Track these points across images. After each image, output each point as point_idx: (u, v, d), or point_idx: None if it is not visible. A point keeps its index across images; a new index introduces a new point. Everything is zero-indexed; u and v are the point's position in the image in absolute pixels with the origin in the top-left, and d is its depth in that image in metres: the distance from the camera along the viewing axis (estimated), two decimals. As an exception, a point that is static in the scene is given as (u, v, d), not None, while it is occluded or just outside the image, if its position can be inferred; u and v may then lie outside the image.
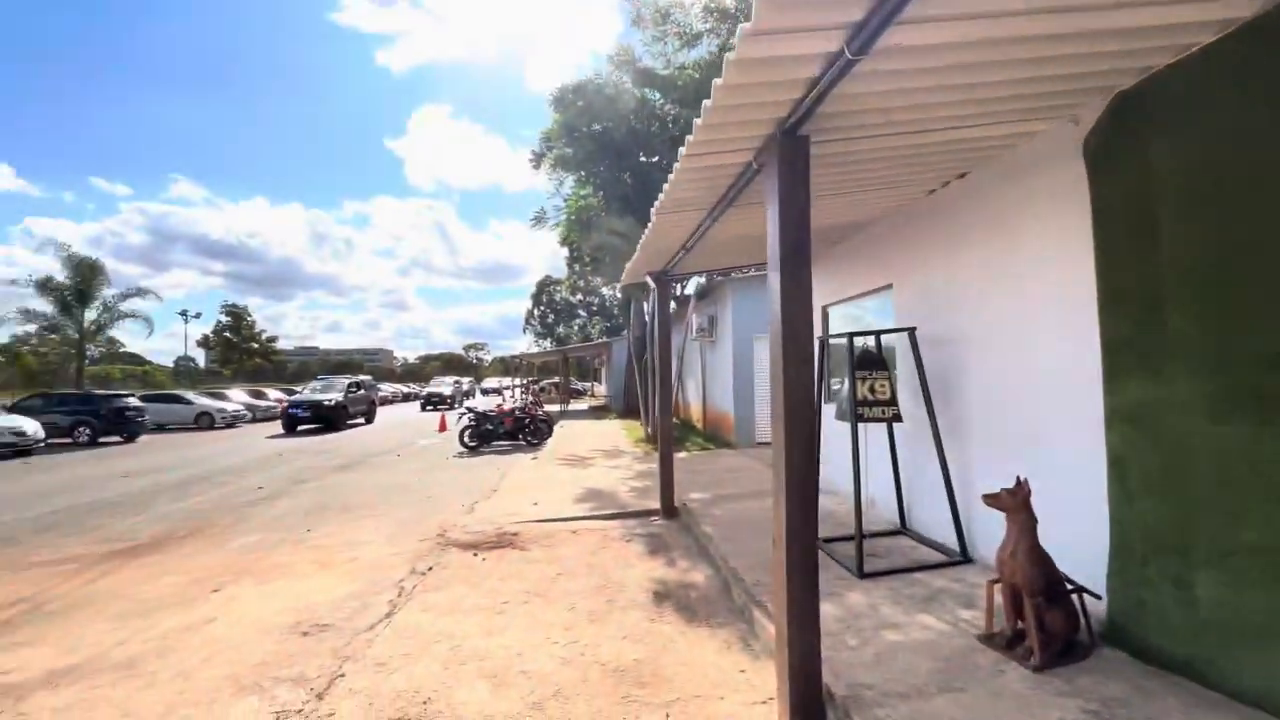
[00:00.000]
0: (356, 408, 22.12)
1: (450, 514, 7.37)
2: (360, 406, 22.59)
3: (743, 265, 10.05)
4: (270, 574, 5.27)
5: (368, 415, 23.36)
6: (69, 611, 4.53)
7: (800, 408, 2.78)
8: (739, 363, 12.29)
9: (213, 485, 10.03)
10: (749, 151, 3.17)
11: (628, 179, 16.51)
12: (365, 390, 23.90)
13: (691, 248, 5.27)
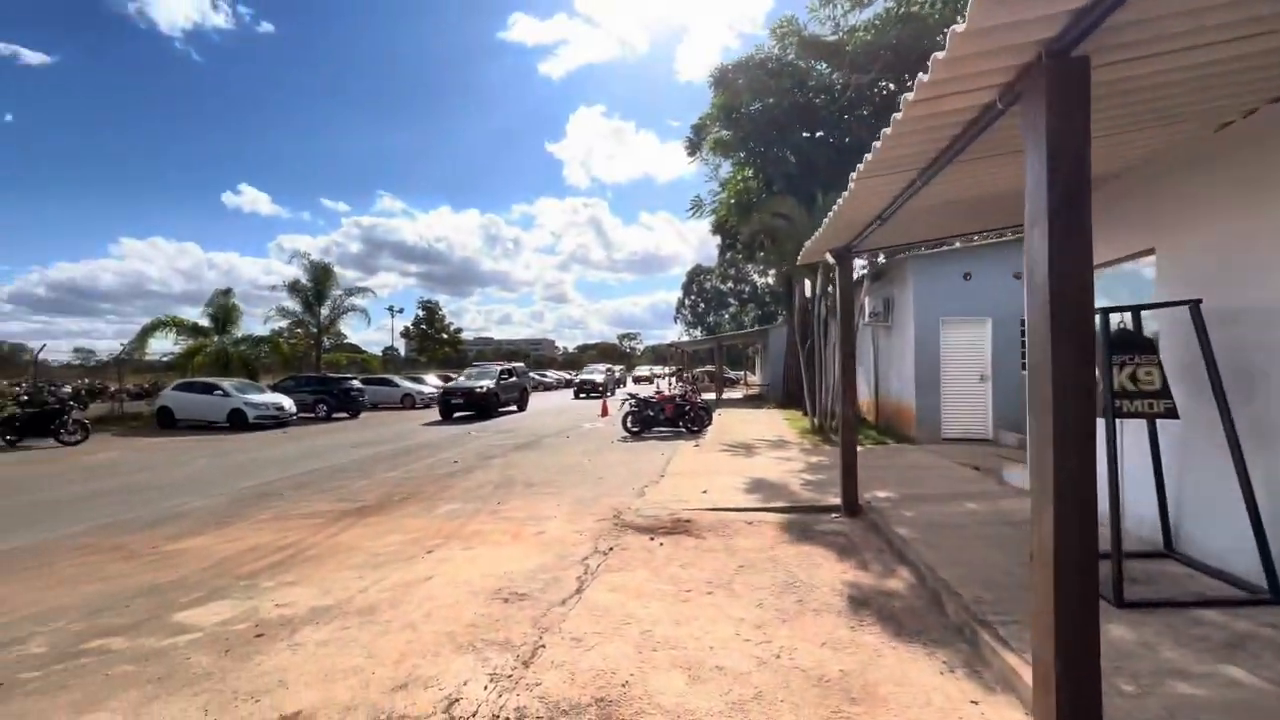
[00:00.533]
0: (509, 395, 21.68)
1: (622, 497, 7.54)
2: (512, 394, 22.11)
3: (936, 238, 8.99)
4: (471, 540, 5.75)
5: (520, 402, 22.77)
6: (322, 558, 5.32)
7: (1075, 395, 2.24)
8: (922, 349, 11.08)
9: (418, 458, 11.40)
10: (992, 89, 2.65)
11: (790, 157, 15.71)
12: (518, 377, 23.24)
13: (888, 217, 4.70)
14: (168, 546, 5.81)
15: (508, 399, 21.63)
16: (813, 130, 15.48)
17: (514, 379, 22.63)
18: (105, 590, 4.65)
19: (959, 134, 3.13)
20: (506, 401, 21.57)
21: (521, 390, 23.20)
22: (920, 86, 2.57)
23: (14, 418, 14.00)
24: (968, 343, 11.10)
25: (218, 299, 24.83)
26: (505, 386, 21.44)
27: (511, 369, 23.50)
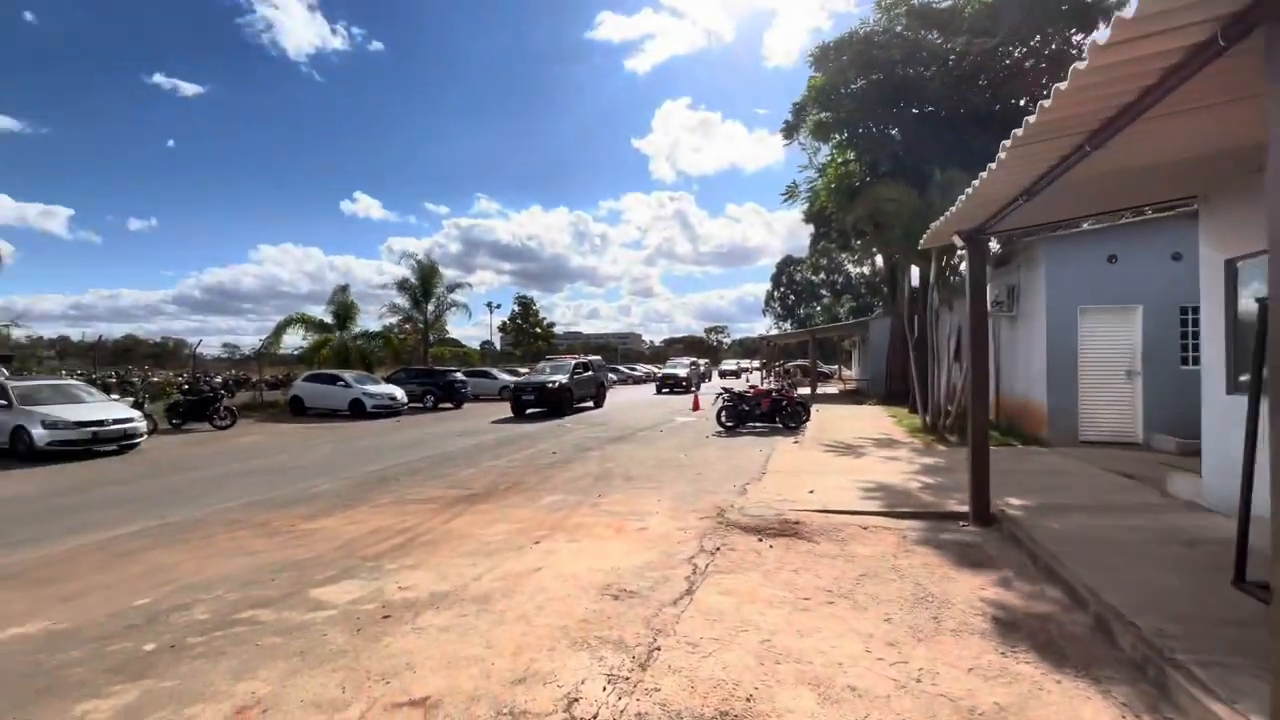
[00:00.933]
0: (584, 391, 20.16)
1: (723, 494, 7.33)
2: (588, 390, 20.57)
3: (1072, 218, 8.02)
4: (576, 533, 5.77)
5: (596, 399, 21.23)
6: (437, 544, 5.54)
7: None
8: (1056, 341, 9.95)
9: (518, 448, 11.77)
10: (1210, 24, 2.18)
11: (896, 136, 14.68)
12: (594, 372, 21.68)
13: (1039, 191, 4.15)
14: (303, 525, 6.29)
15: (583, 395, 20.23)
16: (922, 106, 14.35)
17: (590, 374, 21.03)
18: (253, 564, 5.08)
19: (1152, 85, 2.65)
20: (582, 398, 20.12)
21: (598, 386, 21.60)
22: (1118, 25, 2.16)
23: (178, 404, 15.95)
24: (1111, 334, 9.85)
25: (337, 296, 27.02)
26: (580, 382, 19.98)
27: (587, 363, 21.80)
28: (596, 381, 21.54)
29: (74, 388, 13.04)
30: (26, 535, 6.12)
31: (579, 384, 19.75)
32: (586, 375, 20.73)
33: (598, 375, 22.10)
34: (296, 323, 25.04)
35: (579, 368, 20.46)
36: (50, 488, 8.59)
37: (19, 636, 3.77)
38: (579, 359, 21.73)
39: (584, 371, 20.72)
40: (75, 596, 4.42)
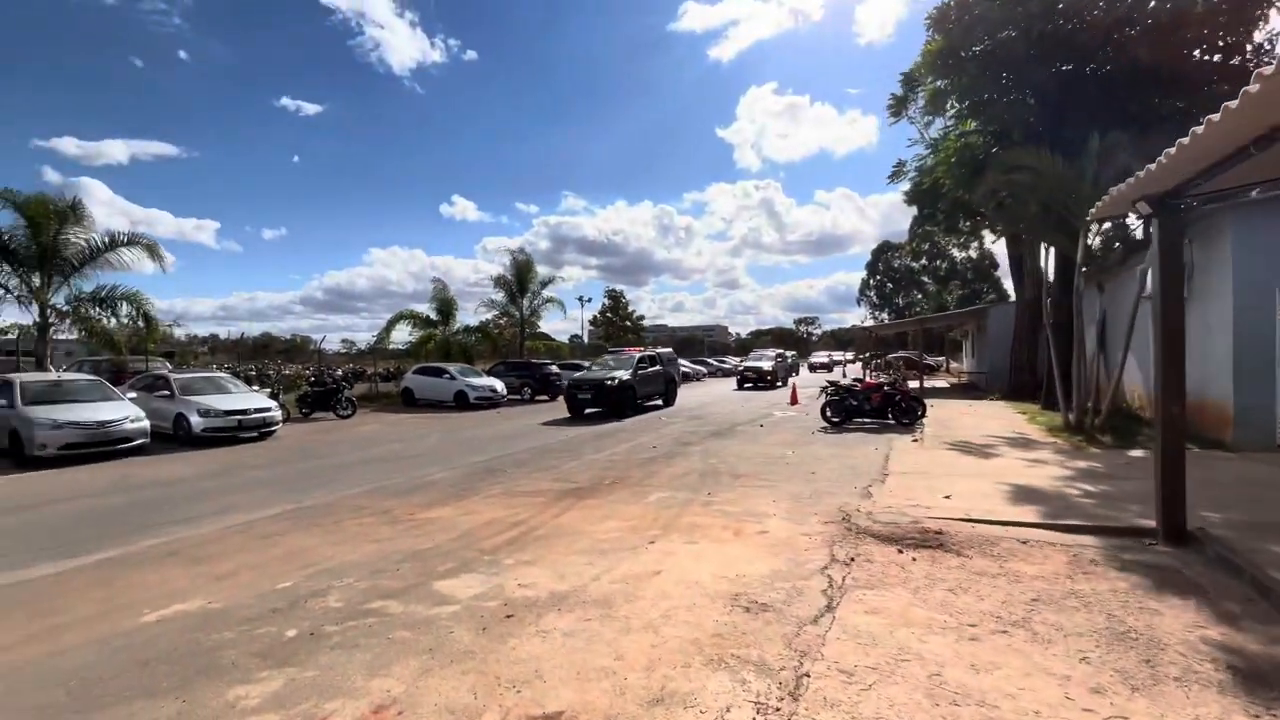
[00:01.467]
0: (649, 388, 17.72)
1: (844, 496, 6.76)
2: (654, 386, 18.12)
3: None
4: (692, 534, 5.47)
5: (665, 396, 18.70)
6: (550, 539, 5.43)
7: None
8: (1245, 327, 8.42)
9: (618, 440, 11.67)
10: None
11: (1030, 101, 13.09)
12: (662, 366, 19.05)
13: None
14: (421, 514, 6.44)
15: (649, 393, 17.78)
16: (1066, 65, 12.67)
17: (656, 368, 18.44)
18: (379, 551, 5.19)
19: None
20: (648, 395, 17.72)
21: (668, 381, 18.86)
22: None
23: (307, 395, 17.33)
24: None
25: (439, 293, 28.41)
26: (645, 378, 17.47)
27: (655, 356, 19.31)
28: (665, 377, 18.87)
29: (222, 379, 14.45)
30: (186, 514, 6.69)
31: (644, 380, 17.45)
32: (652, 370, 18.21)
33: (667, 370, 19.29)
34: (405, 318, 26.61)
35: (644, 362, 18.03)
36: (204, 470, 9.47)
37: (181, 613, 4.00)
38: (644, 352, 19.55)
39: (649, 366, 18.15)
40: (226, 576, 4.68)
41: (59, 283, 14.05)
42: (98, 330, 14.51)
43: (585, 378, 17.00)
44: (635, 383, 16.73)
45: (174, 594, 4.34)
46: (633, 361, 17.67)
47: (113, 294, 14.53)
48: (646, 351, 19.81)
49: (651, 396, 18.13)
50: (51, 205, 13.60)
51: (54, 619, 3.98)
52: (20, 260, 13.54)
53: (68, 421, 10.09)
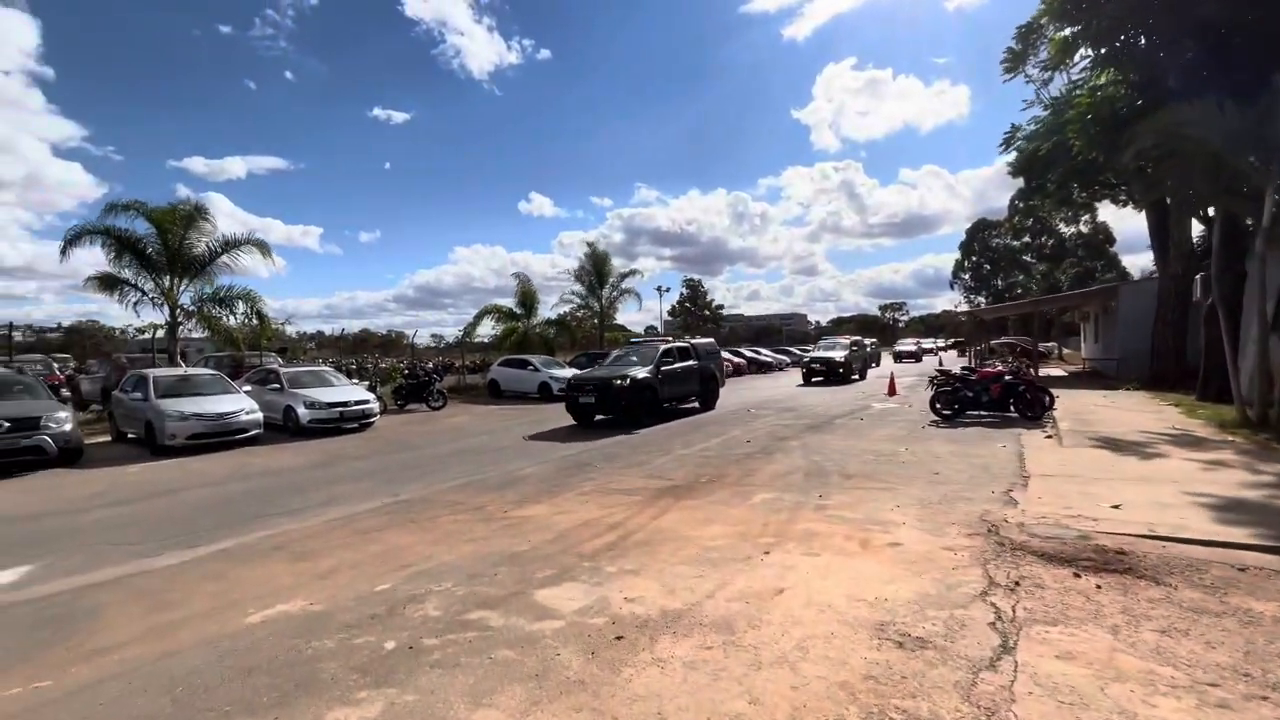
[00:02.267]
0: (680, 388, 14.13)
1: (982, 501, 5.89)
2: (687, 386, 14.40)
3: None
4: (810, 543, 4.86)
5: (702, 396, 14.96)
6: (652, 545, 5.00)
7: None
8: None
9: (707, 434, 11.13)
10: None
11: (1188, 42, 11.15)
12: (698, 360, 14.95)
13: None
14: (515, 512, 6.20)
15: (678, 393, 14.07)
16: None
17: (689, 363, 14.41)
18: (476, 552, 4.96)
19: None
20: (676, 396, 14.06)
21: (706, 379, 14.88)
22: None
23: (401, 387, 17.99)
24: None
25: (521, 286, 28.87)
26: (673, 376, 13.61)
27: (687, 348, 14.96)
28: (704, 373, 14.83)
29: (326, 373, 15.19)
30: (293, 505, 6.83)
31: (672, 378, 13.77)
32: (683, 366, 14.37)
33: (705, 364, 15.06)
34: (490, 312, 27.27)
35: (669, 355, 14.08)
36: (309, 460, 9.83)
37: (284, 615, 3.88)
38: (672, 343, 15.03)
39: (677, 360, 14.15)
40: (328, 574, 4.59)
41: (185, 284, 15.28)
42: (219, 328, 15.68)
43: (589, 377, 13.55)
44: (659, 382, 13.21)
45: (278, 592, 4.27)
46: (655, 356, 13.70)
47: (230, 294, 15.66)
48: (675, 344, 15.11)
49: (683, 397, 14.48)
50: (178, 211, 14.78)
51: (169, 614, 3.98)
52: (153, 265, 14.82)
53: (193, 413, 10.81)
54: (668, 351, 14.06)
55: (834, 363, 22.31)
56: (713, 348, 16.73)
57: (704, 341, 16.48)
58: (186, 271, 15.24)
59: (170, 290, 15.01)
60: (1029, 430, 10.15)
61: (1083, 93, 12.90)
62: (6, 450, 9.07)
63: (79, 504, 7.29)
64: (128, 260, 14.70)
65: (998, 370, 12.05)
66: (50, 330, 59.94)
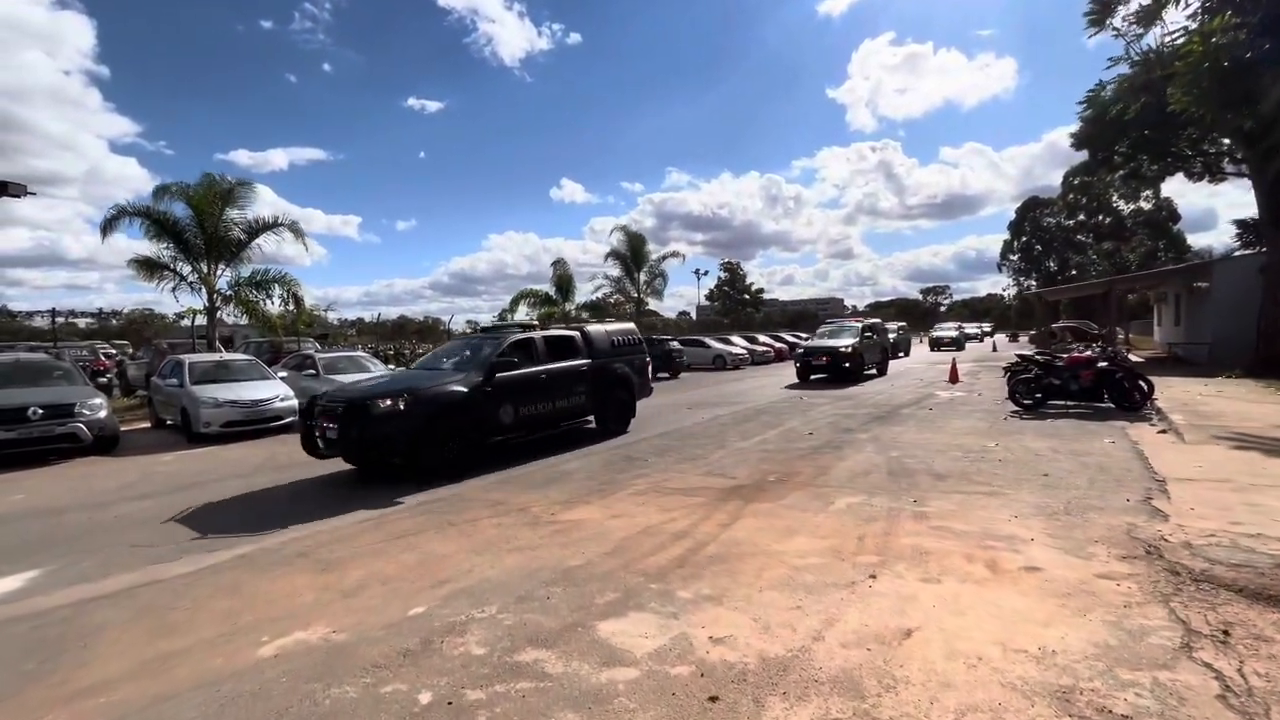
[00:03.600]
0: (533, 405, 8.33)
1: (1117, 511, 4.92)
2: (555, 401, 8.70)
3: None
4: (922, 563, 4.01)
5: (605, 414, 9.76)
6: (729, 562, 4.22)
7: None
8: None
9: (763, 425, 10.26)
10: None
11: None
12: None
13: None
14: (564, 515, 5.50)
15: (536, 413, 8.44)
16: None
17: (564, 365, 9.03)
18: (523, 566, 4.27)
19: None
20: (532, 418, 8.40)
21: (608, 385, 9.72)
22: None
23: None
24: None
25: (557, 270, 28.30)
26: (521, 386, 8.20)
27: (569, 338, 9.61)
28: (596, 380, 9.72)
29: (362, 359, 14.83)
30: (323, 501, 6.29)
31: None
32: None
33: (604, 366, 9.93)
34: (526, 296, 26.78)
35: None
36: (344, 450, 9.34)
37: (302, 646, 3.26)
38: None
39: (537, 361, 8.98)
40: (355, 591, 3.96)
41: (223, 269, 15.10)
42: (256, 312, 15.47)
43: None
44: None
45: (298, 613, 3.65)
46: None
47: (266, 277, 15.41)
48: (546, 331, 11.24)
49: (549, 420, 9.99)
50: (216, 188, 14.54)
51: (173, 640, 3.40)
52: (190, 249, 14.64)
53: (227, 400, 10.49)
54: (518, 345, 8.68)
55: (839, 354, 16.49)
56: (629, 337, 10.73)
57: (616, 329, 10.64)
58: (223, 255, 15.03)
59: (208, 275, 14.84)
60: (1132, 424, 8.97)
61: (1193, 39, 11.34)
62: (41, 438, 8.85)
63: (106, 496, 6.92)
64: (166, 244, 14.55)
65: (1087, 355, 10.80)
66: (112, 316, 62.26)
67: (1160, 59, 13.71)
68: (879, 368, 18.49)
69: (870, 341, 17.90)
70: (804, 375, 16.31)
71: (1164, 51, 13.72)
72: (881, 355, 18.70)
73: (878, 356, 17.38)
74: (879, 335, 19.14)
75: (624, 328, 10.94)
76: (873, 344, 18.06)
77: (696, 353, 25.72)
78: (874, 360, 17.35)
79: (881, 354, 18.73)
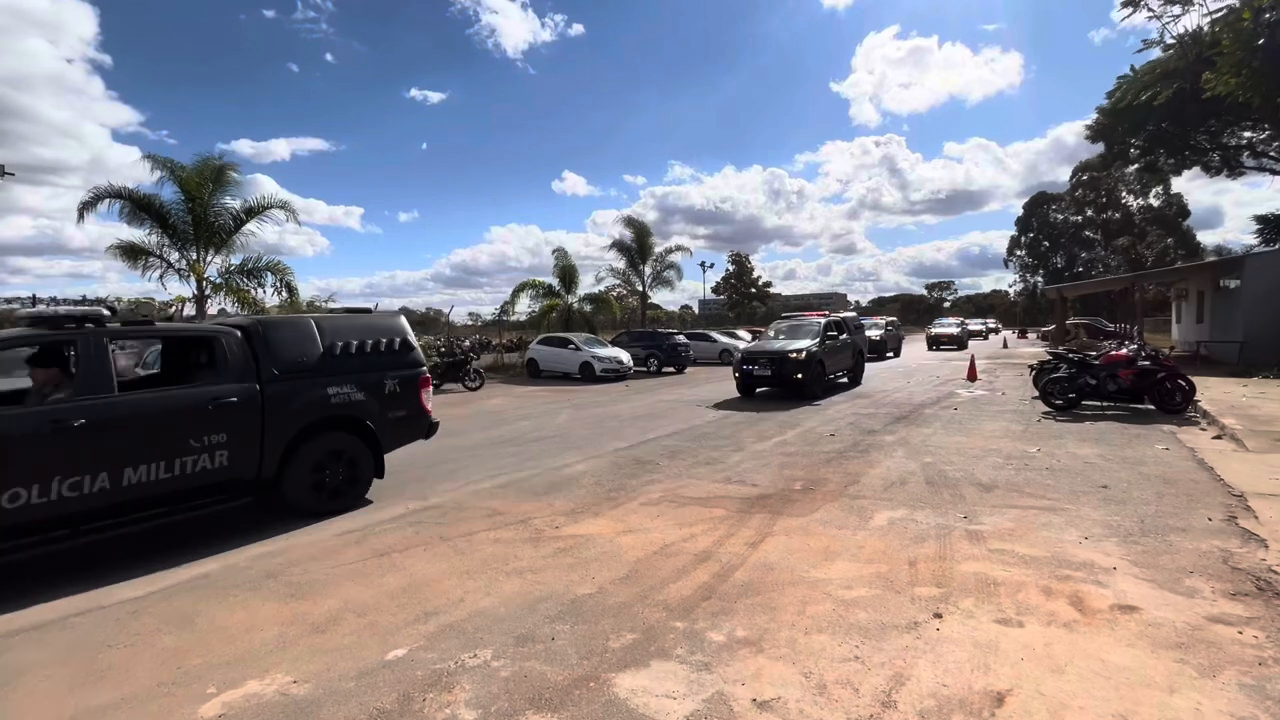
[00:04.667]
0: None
1: (1201, 532, 4.31)
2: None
3: None
4: (995, 599, 3.40)
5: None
6: (764, 593, 3.62)
7: None
8: None
9: (778, 425, 9.65)
10: None
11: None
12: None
13: None
14: (569, 529, 4.91)
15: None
16: None
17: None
18: (522, 594, 3.68)
19: None
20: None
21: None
22: None
23: (437, 366, 16.99)
24: None
25: (560, 261, 27.52)
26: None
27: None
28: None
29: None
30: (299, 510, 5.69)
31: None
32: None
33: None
34: (528, 288, 26.10)
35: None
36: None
37: (254, 702, 2.66)
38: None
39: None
40: (326, 626, 3.37)
41: (212, 255, 14.49)
42: (248, 300, 14.87)
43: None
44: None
45: (256, 655, 3.06)
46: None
47: (258, 265, 14.81)
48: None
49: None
50: (206, 167, 13.91)
51: (98, 693, 2.81)
52: (177, 233, 14.02)
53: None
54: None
55: (788, 361, 12.38)
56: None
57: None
58: (213, 241, 14.42)
59: (197, 261, 14.23)
60: (1180, 428, 8.35)
61: (1243, 12, 10.58)
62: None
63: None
64: (151, 229, 13.93)
65: (1126, 353, 10.16)
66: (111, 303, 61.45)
67: (1199, 41, 12.98)
68: (850, 375, 14.92)
69: (834, 344, 13.77)
70: (745, 389, 12.83)
71: (1202, 32, 12.99)
72: (854, 360, 14.97)
73: (847, 362, 14.04)
74: (850, 334, 15.04)
75: (369, 322, 6.12)
76: (837, 347, 13.95)
77: (702, 347, 25.10)
78: (841, 367, 14.00)
79: (854, 358, 15.00)
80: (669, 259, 28.54)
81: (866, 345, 17.55)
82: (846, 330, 14.76)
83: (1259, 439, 7.07)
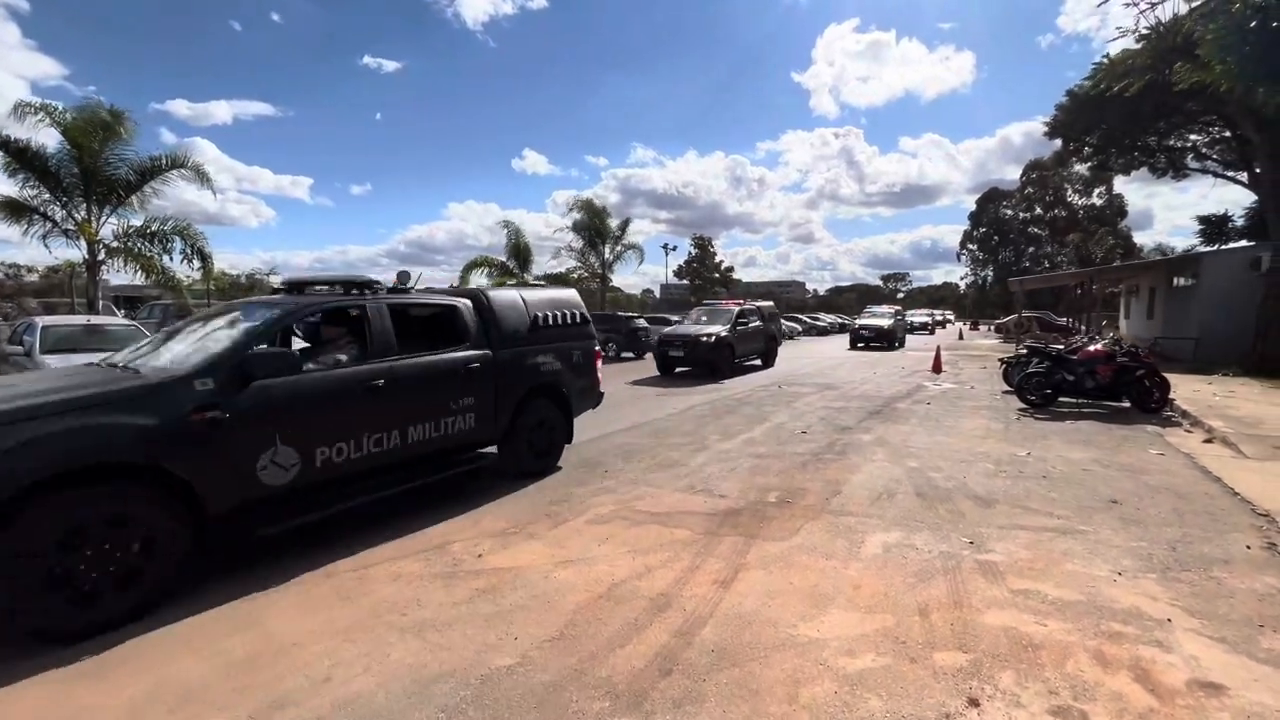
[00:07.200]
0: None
1: (1244, 562, 3.66)
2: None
3: None
4: (1043, 674, 2.60)
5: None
6: (739, 662, 2.73)
7: None
8: None
9: (745, 419, 8.85)
10: None
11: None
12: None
13: None
14: (495, 558, 3.92)
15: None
16: None
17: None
18: (416, 669, 2.68)
19: None
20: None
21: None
22: None
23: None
24: None
25: (513, 239, 26.11)
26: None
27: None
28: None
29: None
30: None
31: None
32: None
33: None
34: (480, 265, 24.65)
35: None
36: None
37: None
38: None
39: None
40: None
41: (106, 215, 12.63)
42: (153, 268, 13.08)
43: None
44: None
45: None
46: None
47: (163, 228, 13.01)
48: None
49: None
50: (95, 117, 12.02)
51: None
52: (64, 188, 12.13)
53: (87, 374, 8.34)
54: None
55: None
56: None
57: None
58: (109, 198, 12.56)
59: (86, 221, 12.35)
60: (1164, 429, 7.93)
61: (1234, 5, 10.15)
62: None
63: None
64: (33, 181, 11.99)
65: (1103, 350, 9.74)
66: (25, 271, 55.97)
67: (1178, 26, 12.64)
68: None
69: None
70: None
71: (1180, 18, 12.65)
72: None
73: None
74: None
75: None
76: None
77: (663, 332, 24.19)
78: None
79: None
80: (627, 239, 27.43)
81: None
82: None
83: (1255, 445, 6.62)
